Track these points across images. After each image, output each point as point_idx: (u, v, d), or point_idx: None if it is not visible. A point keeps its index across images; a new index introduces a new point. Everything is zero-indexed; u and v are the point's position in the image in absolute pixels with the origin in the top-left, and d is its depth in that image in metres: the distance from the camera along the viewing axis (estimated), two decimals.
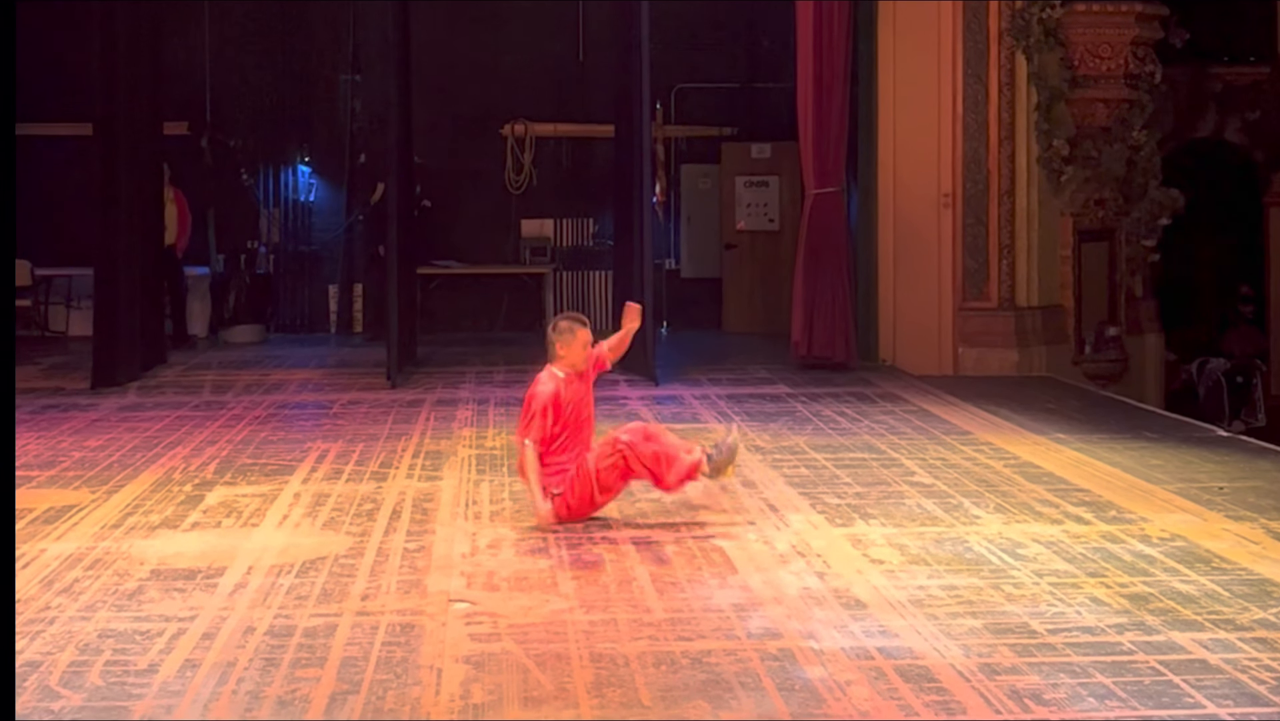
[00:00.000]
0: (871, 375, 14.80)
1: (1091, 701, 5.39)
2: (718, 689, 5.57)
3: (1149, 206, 16.35)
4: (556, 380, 8.39)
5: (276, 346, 18.13)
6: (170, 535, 8.18)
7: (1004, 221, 15.46)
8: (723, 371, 15.12)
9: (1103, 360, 16.11)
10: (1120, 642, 6.09)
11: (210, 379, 14.98)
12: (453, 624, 6.44)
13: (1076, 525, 8.26)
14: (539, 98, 19.35)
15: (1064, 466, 10.01)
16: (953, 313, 15.50)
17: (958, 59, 15.28)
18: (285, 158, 19.32)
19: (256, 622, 6.46)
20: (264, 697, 5.52)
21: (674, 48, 17.94)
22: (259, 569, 7.39)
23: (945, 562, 7.45)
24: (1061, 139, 15.52)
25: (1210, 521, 8.33)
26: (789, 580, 7.13)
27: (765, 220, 19.05)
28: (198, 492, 9.28)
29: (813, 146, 15.17)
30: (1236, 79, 19.20)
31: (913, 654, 5.98)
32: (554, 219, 19.51)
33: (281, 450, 10.82)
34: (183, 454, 10.66)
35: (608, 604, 6.76)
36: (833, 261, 15.23)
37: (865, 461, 10.21)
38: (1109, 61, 15.72)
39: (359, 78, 19.13)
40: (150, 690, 5.61)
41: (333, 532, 8.20)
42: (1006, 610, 6.59)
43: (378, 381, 14.44)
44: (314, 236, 19.51)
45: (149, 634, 6.30)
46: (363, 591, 6.99)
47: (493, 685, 5.63)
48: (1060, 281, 16.01)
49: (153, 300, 15.95)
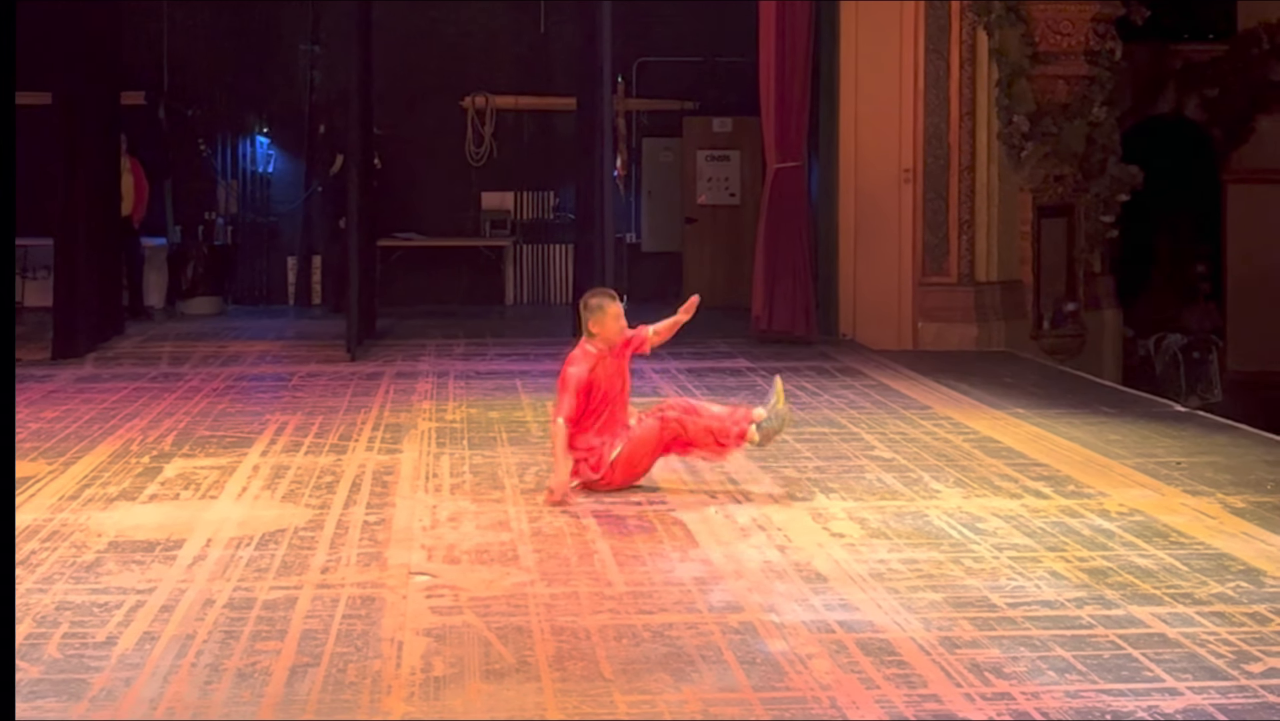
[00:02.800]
0: (831, 349, 14.83)
1: (1052, 675, 5.42)
2: (679, 662, 5.57)
3: (1108, 183, 16.42)
4: (590, 357, 8.32)
5: (234, 318, 18.05)
6: (128, 507, 8.12)
7: (964, 197, 15.49)
8: (683, 345, 14.90)
9: (1061, 335, 16.19)
10: (1079, 616, 6.12)
11: (168, 350, 14.88)
12: (413, 596, 6.42)
13: (1036, 499, 8.29)
14: (500, 70, 19.29)
15: (1023, 441, 10.05)
16: (913, 288, 15.53)
17: (919, 34, 15.28)
18: (244, 128, 19.19)
19: (216, 595, 6.42)
20: (223, 670, 5.49)
21: (636, 20, 17.87)
22: (218, 541, 7.35)
23: (905, 536, 7.47)
24: (1022, 115, 15.56)
25: (1168, 496, 8.38)
26: (750, 553, 7.14)
27: (726, 194, 19.05)
28: (156, 464, 9.22)
29: (775, 121, 15.16)
30: (1196, 56, 19.31)
31: (873, 627, 5.99)
32: (514, 192, 19.45)
33: (240, 422, 10.76)
34: (140, 425, 10.59)
35: (569, 577, 6.75)
36: (794, 236, 15.24)
37: (825, 435, 10.23)
38: (1070, 38, 15.77)
39: (319, 48, 19.00)
40: (109, 662, 5.57)
41: (292, 505, 8.16)
42: (967, 584, 6.61)
43: (337, 354, 14.37)
44: (272, 207, 19.41)
45: (107, 606, 6.26)
46: (323, 564, 6.96)
47: (454, 657, 5.61)
48: (1019, 257, 16.06)
49: (110, 271, 15.83)
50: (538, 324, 17.24)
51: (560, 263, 19.33)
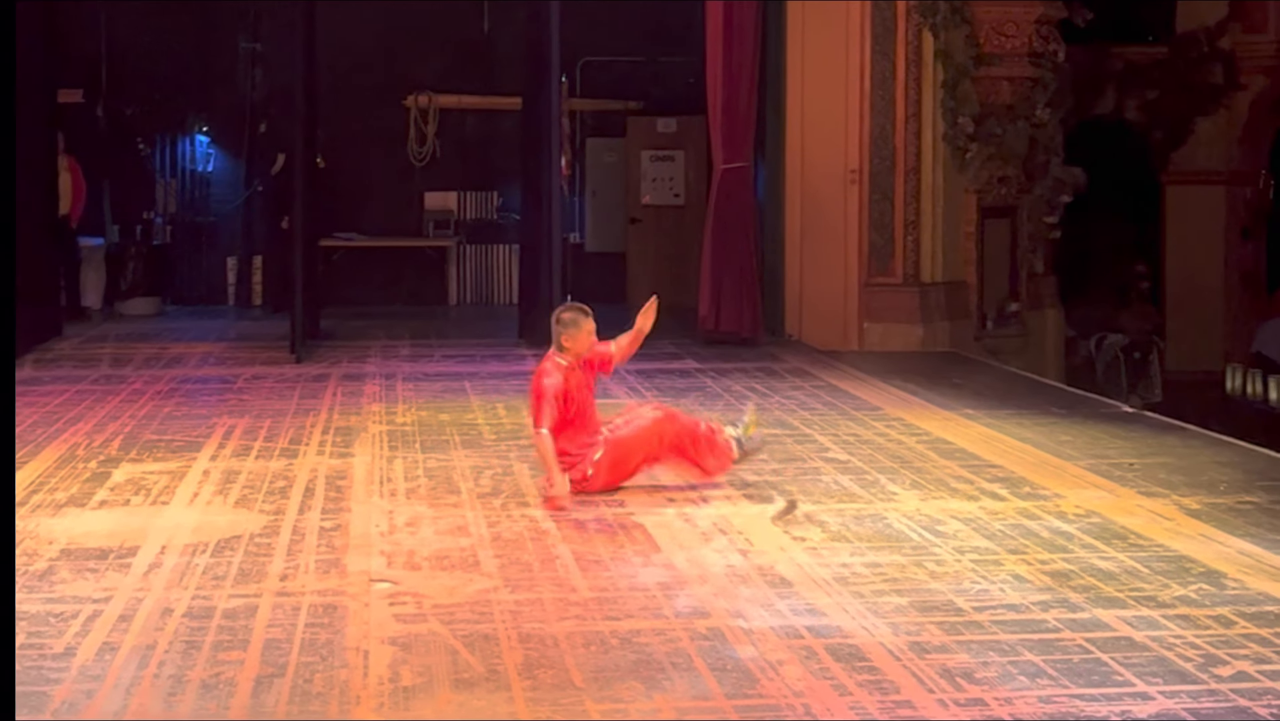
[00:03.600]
0: (778, 350, 14.84)
1: (1023, 680, 5.41)
2: (649, 669, 5.53)
3: (1051, 184, 16.54)
4: (561, 369, 8.31)
5: (174, 319, 17.86)
6: (78, 513, 7.99)
7: (909, 198, 15.53)
8: None
9: (1004, 336, 16.29)
10: (1046, 620, 6.12)
11: (108, 352, 14.70)
12: (376, 604, 6.34)
13: (993, 501, 8.31)
14: (443, 69, 19.18)
15: (975, 442, 10.08)
16: (858, 288, 15.56)
17: (866, 35, 15.31)
18: (183, 127, 18.98)
19: (174, 603, 6.32)
20: (187, 681, 5.40)
21: (580, 20, 17.80)
22: (172, 548, 7.24)
23: (867, 540, 7.46)
24: (966, 116, 15.63)
25: (1123, 498, 8.41)
26: (713, 558, 7.10)
27: (670, 194, 19.03)
28: (103, 469, 9.08)
29: (721, 121, 15.15)
30: (1136, 58, 19.47)
31: (842, 632, 5.97)
32: (458, 192, 19.35)
33: (187, 426, 10.62)
34: (85, 429, 10.43)
35: (532, 583, 6.70)
36: (740, 237, 15.24)
37: (779, 437, 10.20)
38: (1014, 39, 15.86)
39: (260, 46, 18.83)
40: (69, 674, 5.47)
41: (246, 511, 8.05)
42: (931, 587, 6.61)
43: (281, 355, 14.23)
44: (212, 207, 19.22)
45: (63, 615, 6.15)
46: (281, 571, 6.86)
47: (421, 666, 5.55)
48: (964, 258, 16.14)
49: (47, 271, 15.61)
50: (483, 325, 17.16)
51: (504, 263, 19.24)
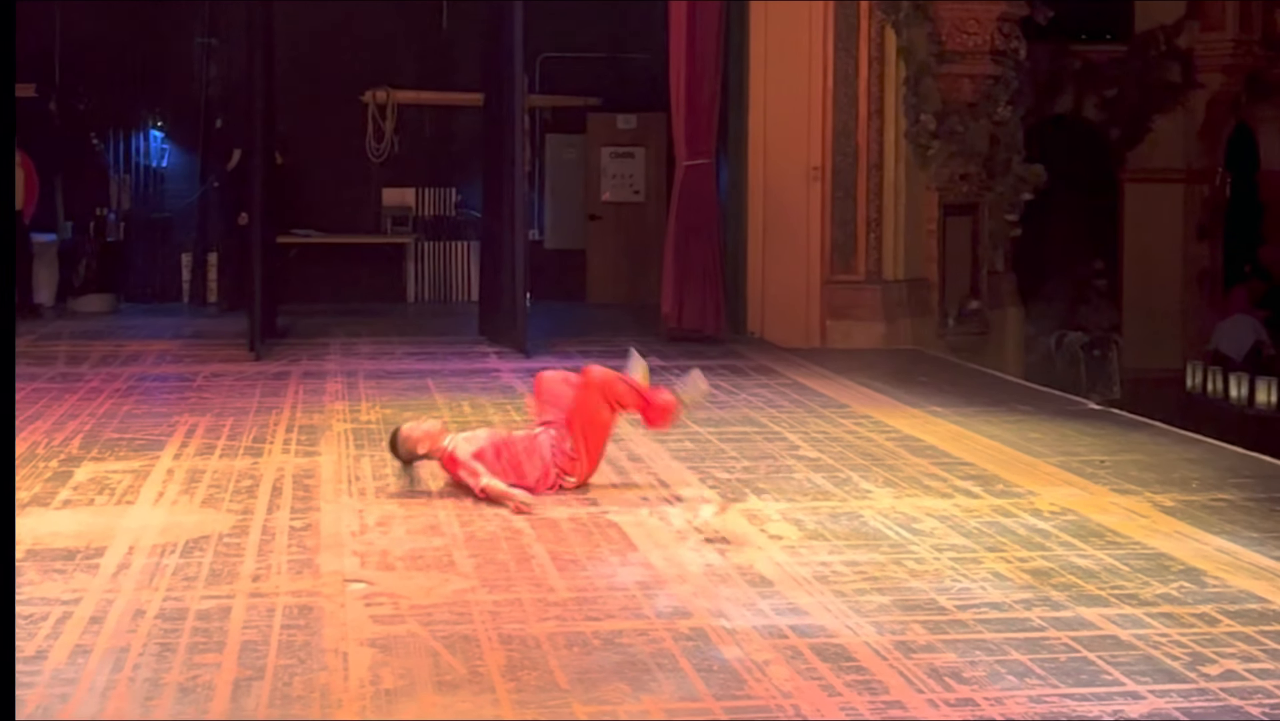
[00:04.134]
0: (741, 347, 14.79)
1: (1011, 679, 5.36)
2: (634, 670, 5.45)
3: (1012, 182, 16.56)
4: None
5: (128, 316, 17.65)
6: (42, 513, 7.84)
7: (872, 195, 15.51)
8: (592, 343, 14.97)
9: (965, 333, 16.29)
10: (1030, 619, 6.08)
11: (63, 350, 14.50)
12: (352, 605, 6.24)
13: (967, 499, 8.27)
14: (401, 65, 19.06)
15: (945, 439, 10.05)
16: (820, 285, 15.54)
17: (828, 32, 15.29)
18: (137, 122, 18.79)
19: (145, 605, 6.19)
20: (164, 685, 5.28)
21: (539, 16, 17.68)
22: (140, 548, 7.11)
23: (844, 538, 7.41)
24: (929, 113, 15.63)
25: (1097, 495, 8.39)
26: (690, 557, 7.03)
27: (630, 191, 18.96)
28: (65, 468, 8.93)
29: (684, 118, 15.09)
30: (1094, 57, 19.53)
31: (826, 632, 5.91)
32: (416, 188, 19.21)
33: (148, 424, 10.47)
34: (44, 428, 10.27)
35: (510, 583, 6.60)
36: (703, 233, 15.18)
37: (748, 435, 10.15)
38: (976, 37, 15.86)
39: (215, 41, 18.64)
40: (41, 678, 5.34)
41: (213, 510, 7.93)
42: (912, 586, 6.56)
43: (239, 353, 14.08)
44: (166, 203, 19.04)
45: (32, 618, 6.01)
46: (253, 572, 6.75)
47: (402, 669, 5.45)
48: (925, 255, 16.14)
49: None
50: (442, 322, 17.04)
51: (462, 260, 19.12)
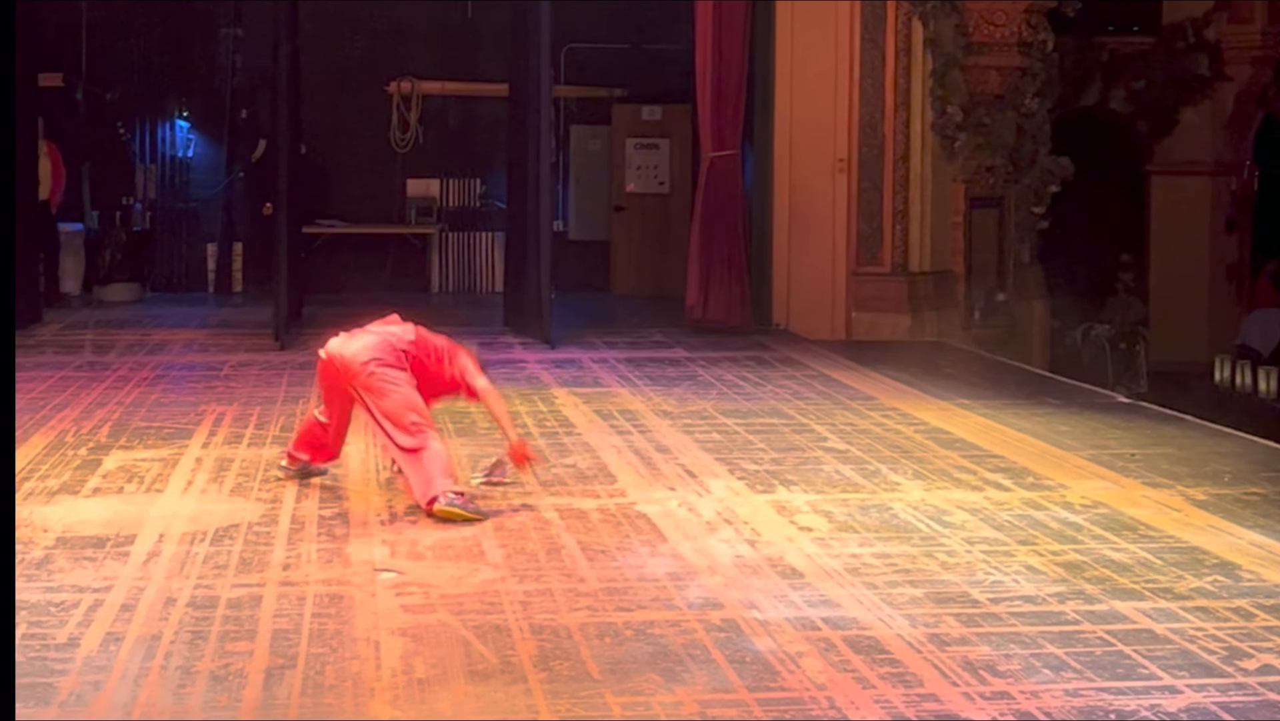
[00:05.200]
0: (767, 339, 14.74)
1: (1047, 673, 5.33)
2: (667, 661, 5.43)
3: (1039, 174, 16.47)
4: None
5: (154, 305, 17.66)
6: (72, 501, 7.85)
7: (898, 187, 15.46)
8: (616, 334, 14.98)
9: (991, 326, 16.21)
10: (1064, 612, 6.05)
11: (90, 338, 14.51)
12: (382, 594, 6.23)
13: (998, 492, 8.23)
14: (426, 55, 19.00)
15: (974, 432, 10.00)
16: (846, 277, 15.48)
17: (855, 24, 15.22)
18: (163, 112, 18.78)
19: (176, 593, 6.19)
20: (196, 673, 5.28)
21: (565, 6, 17.64)
22: (170, 536, 7.11)
23: (874, 530, 7.37)
24: (955, 106, 15.56)
25: (1128, 488, 8.35)
26: (720, 548, 7.01)
27: (655, 183, 18.90)
28: (94, 457, 8.94)
29: (710, 109, 15.04)
30: (1122, 49, 19.43)
31: (858, 624, 5.88)
32: (440, 179, 19.18)
33: (175, 413, 10.47)
34: (72, 416, 10.28)
35: (539, 573, 6.59)
36: (729, 225, 15.14)
37: (776, 427, 10.12)
38: (1003, 29, 15.78)
39: (240, 31, 18.61)
40: (74, 665, 5.34)
41: (242, 499, 7.93)
42: (945, 579, 6.52)
43: (264, 342, 14.09)
44: (192, 193, 19.01)
45: (64, 605, 6.02)
46: (283, 560, 6.74)
47: (434, 658, 5.44)
48: (951, 247, 16.06)
49: (27, 257, 15.41)
50: (466, 312, 17.01)
51: (487, 251, 19.10)
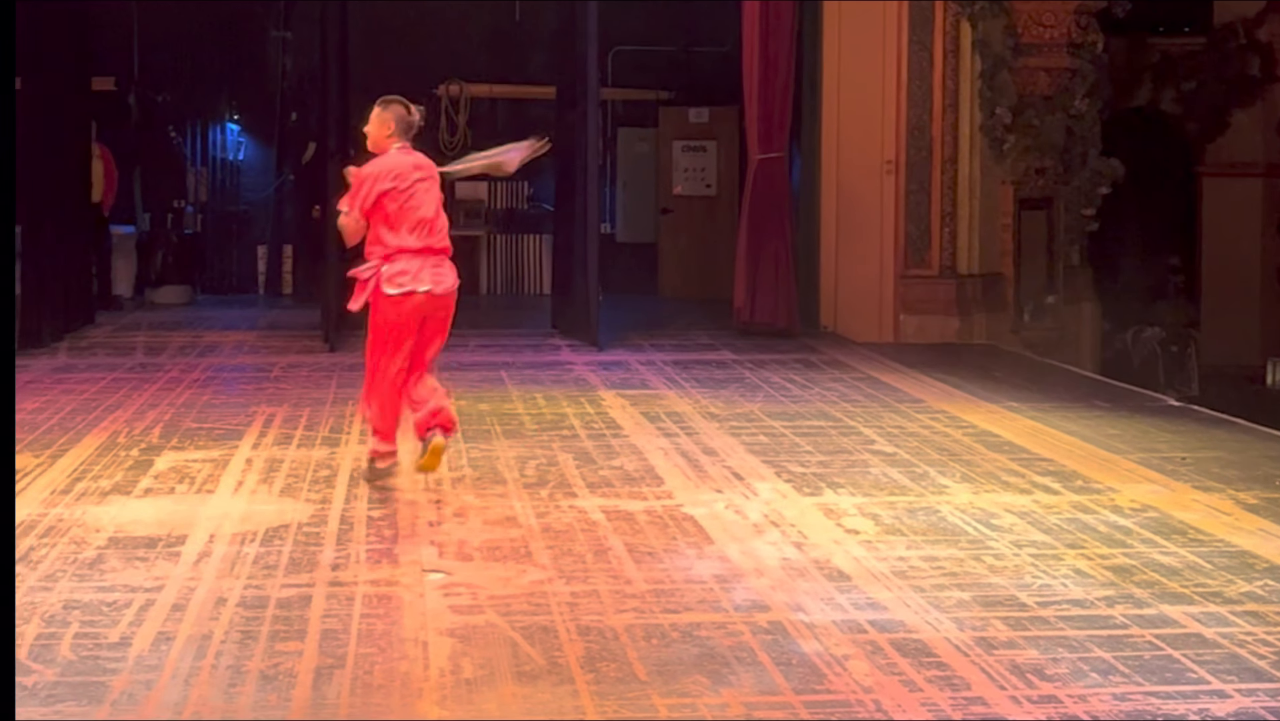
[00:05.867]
0: (814, 341, 14.73)
1: (1095, 677, 5.31)
2: (714, 663, 5.44)
3: (1089, 176, 16.36)
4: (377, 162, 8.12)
5: (205, 307, 17.82)
6: (123, 501, 7.92)
7: (946, 189, 15.40)
8: (664, 337, 15.00)
9: (1041, 328, 16.12)
10: (1112, 616, 6.02)
11: (141, 340, 14.65)
12: (430, 595, 6.26)
13: (1046, 495, 8.20)
14: (474, 58, 19.09)
15: (1022, 435, 9.97)
16: (894, 279, 15.44)
17: (903, 25, 15.18)
18: (214, 115, 18.95)
19: (227, 593, 6.25)
20: (246, 672, 5.33)
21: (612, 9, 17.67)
22: (221, 537, 7.17)
23: (921, 533, 7.36)
24: (1004, 107, 15.48)
25: (1178, 492, 8.30)
26: (767, 550, 7.01)
27: (702, 185, 18.92)
28: (145, 457, 9.02)
29: (757, 111, 15.03)
30: (1172, 49, 19.29)
31: (905, 627, 5.87)
32: (488, 181, 19.22)
33: (226, 414, 10.55)
34: (124, 417, 10.38)
35: (587, 574, 6.61)
36: (776, 227, 15.13)
37: (823, 429, 10.11)
38: (1052, 30, 15.69)
39: (290, 34, 18.76)
40: (125, 664, 5.39)
41: (292, 500, 7.98)
42: (992, 582, 6.51)
43: (315, 344, 14.18)
44: (242, 196, 19.19)
45: (116, 605, 6.08)
46: (332, 560, 6.79)
47: (482, 659, 5.46)
48: (1000, 249, 15.97)
49: (79, 259, 15.58)
50: (514, 314, 17.09)
51: (534, 253, 19.16)
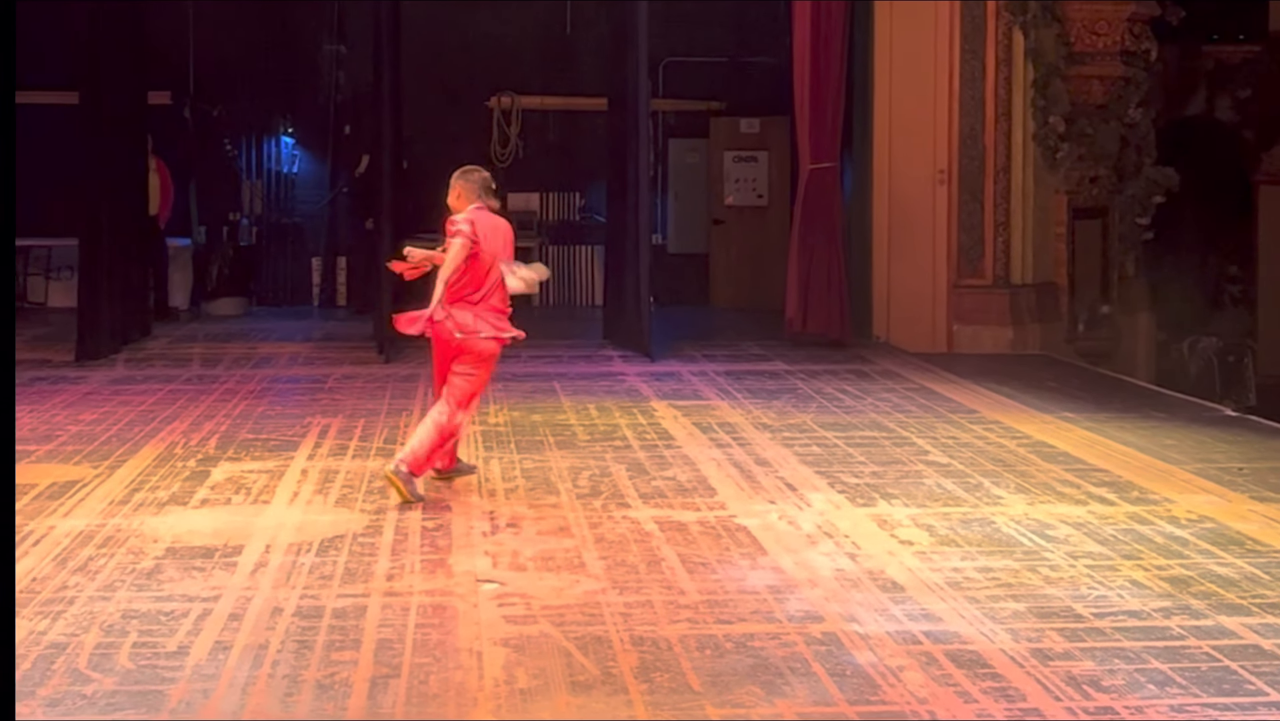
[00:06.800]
0: (867, 352, 14.70)
1: (1152, 688, 5.28)
2: (767, 674, 5.44)
3: (1143, 185, 16.28)
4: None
5: (260, 319, 17.92)
6: (181, 512, 7.99)
7: (999, 199, 15.35)
8: (716, 347, 14.99)
9: (1096, 338, 16.04)
10: (1169, 627, 5.99)
11: (198, 351, 14.76)
12: (484, 605, 6.29)
13: (1102, 506, 8.16)
14: (526, 70, 19.13)
15: (1077, 446, 9.91)
16: (947, 289, 15.39)
17: (955, 34, 15.15)
18: (269, 128, 19.07)
19: (283, 603, 6.29)
20: (302, 681, 5.36)
21: (662, 20, 17.71)
22: (277, 547, 7.22)
23: (976, 544, 7.34)
24: (1057, 116, 15.43)
25: (1235, 502, 8.24)
26: (821, 561, 7.01)
27: (754, 195, 18.91)
28: (202, 468, 9.09)
29: (808, 121, 15.01)
30: (1227, 57, 19.15)
31: (960, 638, 5.85)
32: (540, 193, 19.30)
33: (281, 425, 10.62)
34: (181, 428, 10.46)
35: (640, 585, 6.62)
36: (827, 237, 15.10)
37: (877, 440, 10.09)
38: (1105, 38, 15.62)
39: (344, 48, 18.87)
40: (183, 673, 5.44)
41: (347, 510, 8.03)
42: (1047, 593, 6.48)
43: (369, 355, 14.24)
44: (297, 208, 19.28)
45: (173, 614, 6.13)
46: (387, 571, 6.83)
47: (536, 669, 5.48)
48: (1054, 259, 15.92)
49: (136, 271, 15.71)
50: (566, 325, 17.10)
51: (587, 264, 19.19)
